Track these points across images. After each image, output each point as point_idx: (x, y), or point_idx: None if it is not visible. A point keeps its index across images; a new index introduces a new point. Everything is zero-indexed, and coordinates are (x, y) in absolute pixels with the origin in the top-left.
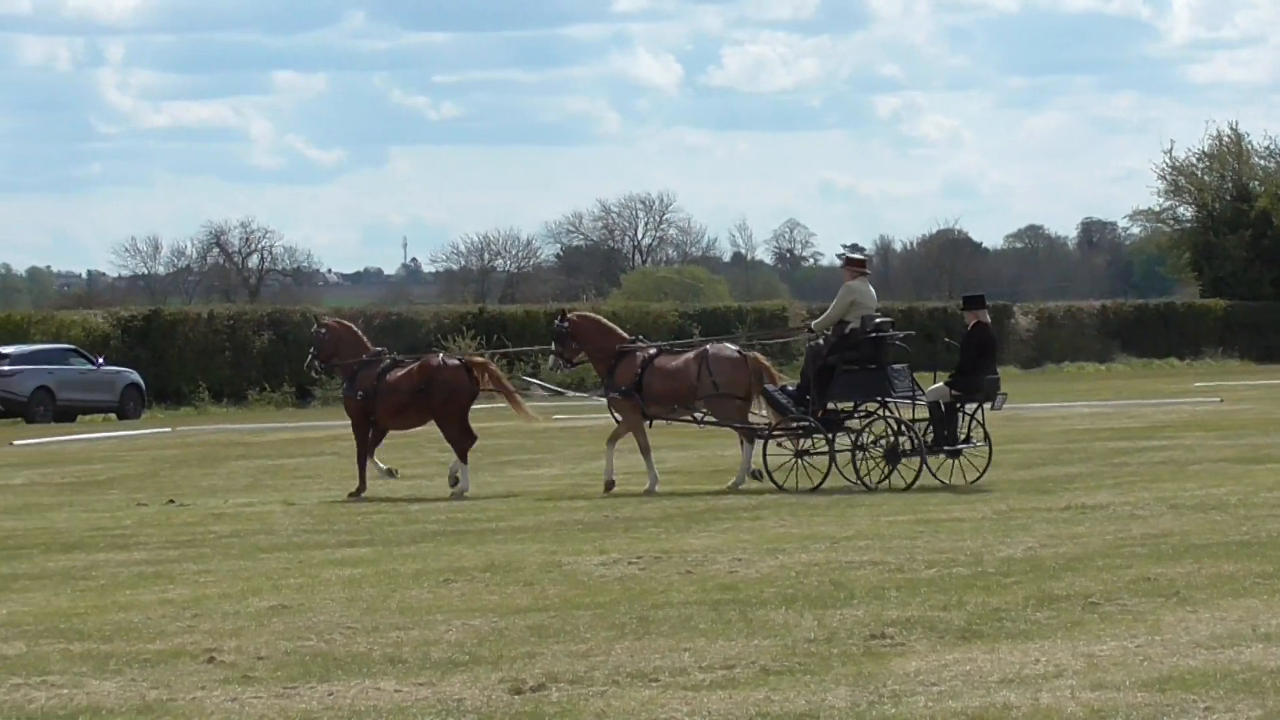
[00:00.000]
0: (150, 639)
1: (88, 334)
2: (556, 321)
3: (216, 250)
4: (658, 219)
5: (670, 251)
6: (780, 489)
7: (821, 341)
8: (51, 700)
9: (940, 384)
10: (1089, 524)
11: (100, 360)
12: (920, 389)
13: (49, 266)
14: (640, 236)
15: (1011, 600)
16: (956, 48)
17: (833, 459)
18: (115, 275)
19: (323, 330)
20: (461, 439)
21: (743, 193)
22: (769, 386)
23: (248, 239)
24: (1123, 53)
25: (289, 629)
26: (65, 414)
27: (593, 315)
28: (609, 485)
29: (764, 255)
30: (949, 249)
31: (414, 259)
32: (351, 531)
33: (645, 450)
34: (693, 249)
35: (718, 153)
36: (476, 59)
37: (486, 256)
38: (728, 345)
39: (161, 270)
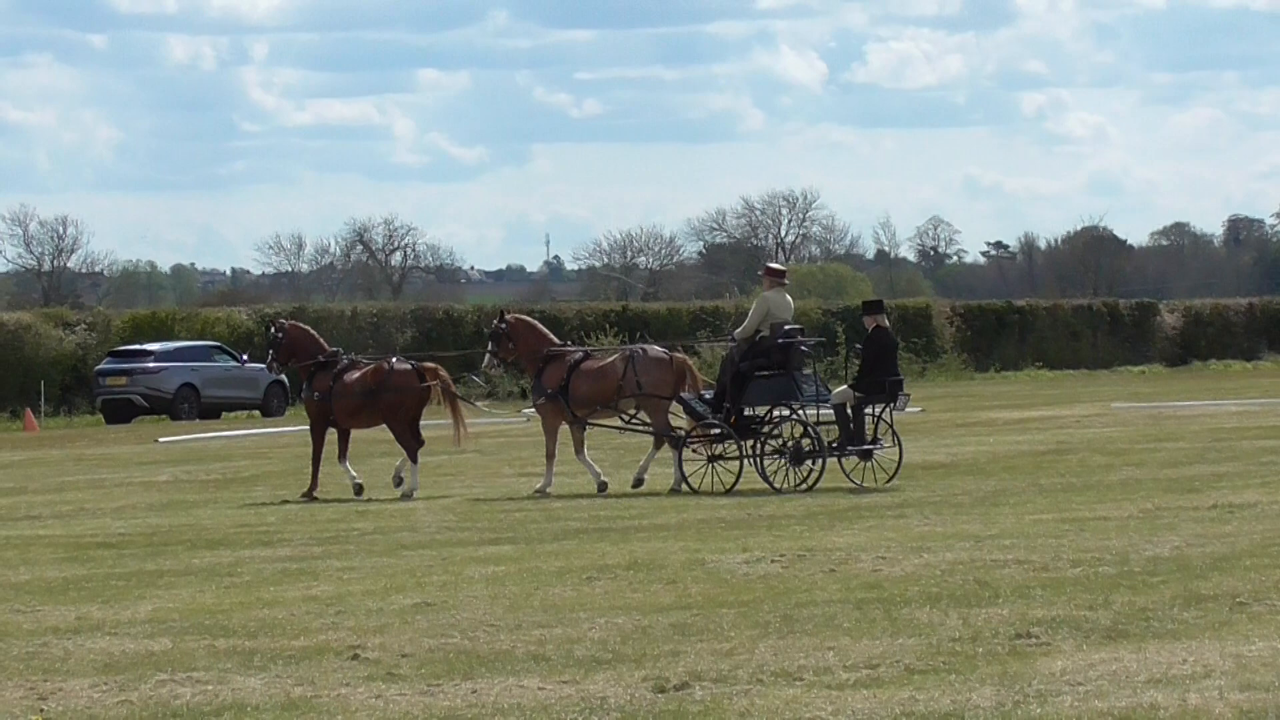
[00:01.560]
0: (295, 635)
1: (232, 331)
2: (495, 322)
3: (360, 248)
4: (801, 216)
5: (814, 249)
6: (695, 492)
7: (735, 349)
8: (197, 696)
9: (844, 387)
10: (1236, 523)
11: (244, 357)
12: (828, 392)
13: (193, 264)
14: (783, 234)
15: (1158, 600)
16: (1102, 44)
17: (743, 463)
18: (259, 272)
19: (279, 334)
20: (411, 441)
21: (886, 190)
22: (685, 394)
23: (391, 236)
24: (1270, 48)
25: (433, 626)
26: (210, 411)
27: (528, 319)
28: (601, 487)
29: (907, 252)
30: (1094, 246)
31: (556, 256)
32: (495, 529)
33: (550, 455)
34: (836, 246)
35: (861, 150)
36: (619, 56)
37: (629, 254)
38: (655, 346)
39: (305, 267)
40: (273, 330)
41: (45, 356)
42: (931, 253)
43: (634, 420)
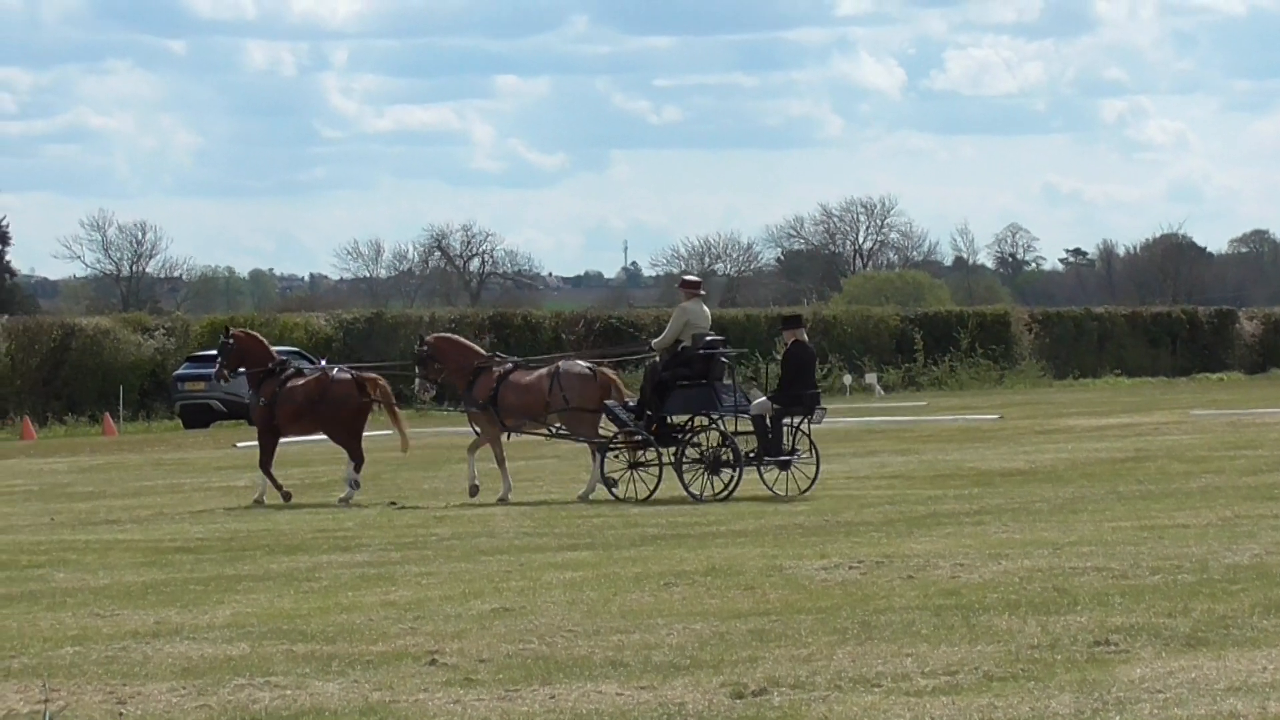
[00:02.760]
0: (373, 640)
1: (310, 336)
2: (417, 346)
3: (438, 253)
4: (879, 223)
5: (891, 255)
6: (618, 500)
7: (658, 359)
8: (275, 701)
9: (763, 399)
10: None
11: (323, 362)
12: (749, 402)
13: (271, 269)
14: (861, 240)
15: (1238, 607)
16: (1182, 51)
17: (662, 470)
18: (337, 278)
19: (229, 342)
20: (356, 446)
21: (965, 197)
22: (609, 402)
23: (469, 242)
24: None
25: (510, 631)
26: None
27: (451, 336)
28: (473, 490)
29: (985, 259)
30: (1173, 253)
31: (634, 262)
32: (572, 534)
33: (500, 461)
34: (914, 253)
35: (940, 156)
36: (698, 63)
37: (707, 260)
38: (579, 362)
39: (383, 273)
40: (222, 339)
41: (124, 361)
42: (1010, 260)
43: (561, 431)
